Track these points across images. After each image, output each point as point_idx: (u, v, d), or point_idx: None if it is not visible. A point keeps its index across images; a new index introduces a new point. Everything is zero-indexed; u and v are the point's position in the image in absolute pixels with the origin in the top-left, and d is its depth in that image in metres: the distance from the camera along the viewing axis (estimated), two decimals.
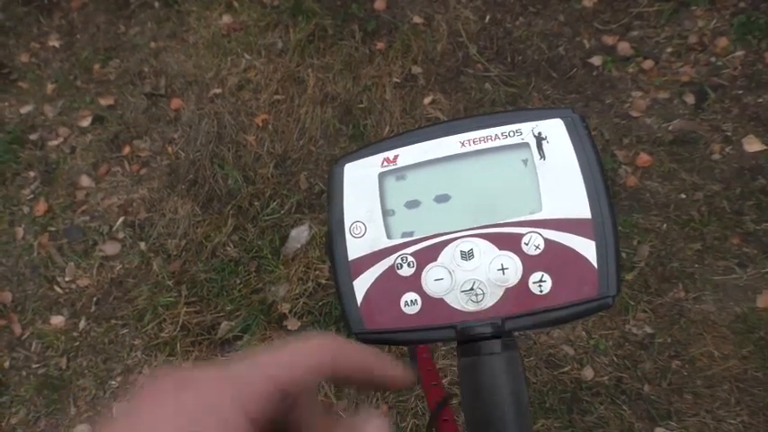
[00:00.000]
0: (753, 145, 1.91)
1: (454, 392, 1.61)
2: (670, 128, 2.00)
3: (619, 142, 2.01)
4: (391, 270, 0.38)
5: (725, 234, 1.80)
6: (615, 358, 1.68)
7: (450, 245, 0.37)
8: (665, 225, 1.84)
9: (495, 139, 0.38)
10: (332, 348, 0.26)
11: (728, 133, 1.96)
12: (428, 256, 0.37)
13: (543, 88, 2.17)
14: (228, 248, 2.02)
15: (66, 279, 2.08)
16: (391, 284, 0.38)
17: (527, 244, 0.36)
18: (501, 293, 0.36)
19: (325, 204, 2.06)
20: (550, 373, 1.68)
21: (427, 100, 2.20)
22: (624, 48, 2.18)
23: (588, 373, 1.67)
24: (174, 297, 1.96)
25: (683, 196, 1.88)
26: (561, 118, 0.37)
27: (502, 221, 0.36)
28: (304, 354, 0.25)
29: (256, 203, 2.09)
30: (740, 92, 2.02)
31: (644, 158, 1.95)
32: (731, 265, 1.76)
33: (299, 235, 2.02)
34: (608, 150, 1.98)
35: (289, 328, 1.83)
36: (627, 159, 1.97)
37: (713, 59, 2.10)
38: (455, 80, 2.23)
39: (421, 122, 2.14)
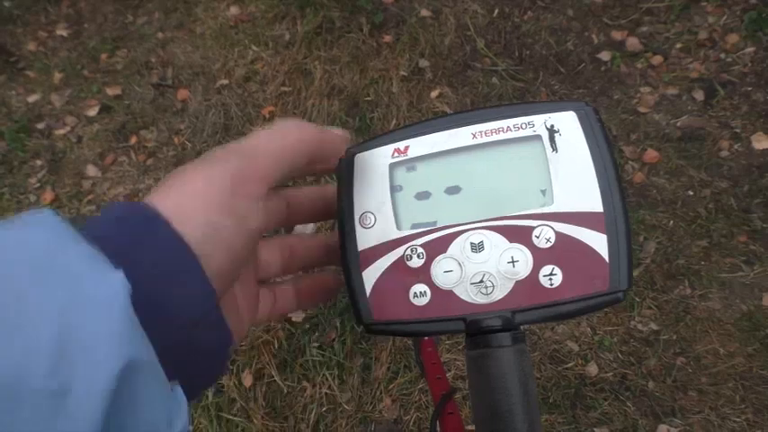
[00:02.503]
0: (762, 142, 1.90)
1: (458, 386, 1.62)
2: (678, 124, 1.99)
3: (626, 138, 2.00)
4: (400, 261, 0.38)
5: (732, 231, 1.79)
6: (620, 354, 1.68)
7: (461, 237, 0.37)
8: (671, 222, 1.84)
9: (506, 131, 0.38)
10: (304, 134, 0.34)
11: (737, 130, 1.95)
12: (438, 247, 0.37)
13: (551, 83, 2.16)
14: None
15: None
16: (400, 276, 0.37)
17: (538, 237, 0.35)
18: (511, 286, 0.35)
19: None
20: (554, 369, 1.68)
21: (434, 93, 2.19)
22: (633, 43, 2.17)
23: (592, 369, 1.67)
24: None
25: (691, 193, 1.88)
26: (574, 111, 0.37)
27: (513, 214, 0.36)
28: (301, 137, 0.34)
29: None
30: (750, 89, 2.01)
31: (651, 154, 1.95)
32: (738, 262, 1.75)
33: (304, 227, 2.02)
34: (615, 146, 1.97)
35: (293, 320, 1.83)
36: (634, 155, 1.96)
37: (723, 56, 2.08)
38: (462, 74, 2.23)
39: (428, 116, 2.13)
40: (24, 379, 0.20)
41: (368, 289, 0.38)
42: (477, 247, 0.36)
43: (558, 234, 0.35)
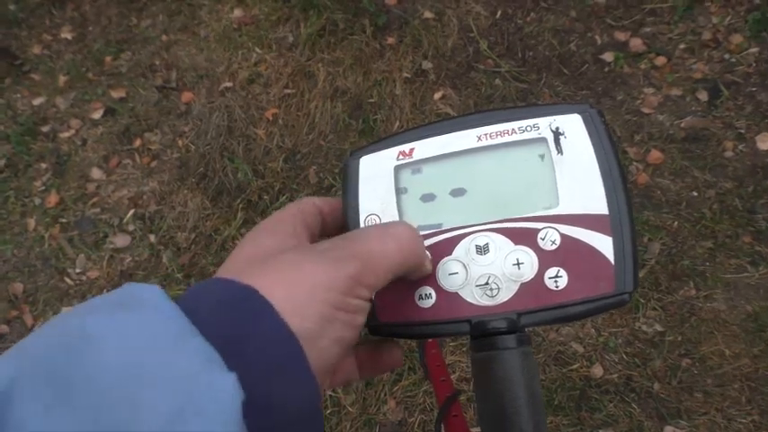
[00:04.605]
0: (766, 143, 1.90)
1: (462, 388, 1.61)
2: (682, 125, 1.99)
3: (630, 139, 1.99)
4: None
5: (737, 232, 1.79)
6: (625, 356, 1.68)
7: (466, 239, 0.37)
8: (676, 223, 1.83)
9: (511, 133, 0.38)
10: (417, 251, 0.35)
11: (742, 131, 1.94)
12: (443, 249, 0.37)
13: (554, 84, 2.16)
14: (238, 242, 2.02)
15: (77, 271, 2.10)
16: (406, 278, 0.37)
17: (543, 239, 0.35)
18: (516, 288, 0.35)
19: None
20: (559, 371, 1.67)
21: (437, 95, 2.19)
22: (636, 44, 2.17)
23: (597, 370, 1.66)
24: (183, 290, 1.97)
25: (695, 194, 1.87)
26: (579, 113, 0.37)
27: (518, 216, 0.36)
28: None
29: (266, 197, 2.09)
30: (754, 89, 2.00)
31: (655, 155, 1.94)
32: (743, 263, 1.75)
33: None
34: (619, 147, 1.97)
35: None
36: (638, 156, 1.95)
37: (727, 56, 2.08)
38: (465, 75, 2.22)
39: (431, 118, 2.13)
40: None
41: None
42: (483, 250, 0.36)
43: (563, 236, 0.35)
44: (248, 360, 0.25)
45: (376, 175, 0.40)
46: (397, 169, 0.39)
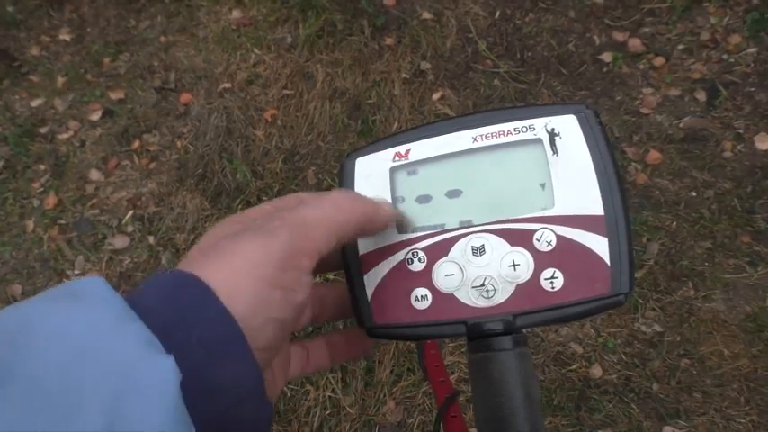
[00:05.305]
0: (765, 143, 1.90)
1: (462, 389, 1.61)
2: (681, 125, 1.99)
3: (629, 139, 1.99)
4: (402, 265, 0.38)
5: (735, 232, 1.79)
6: (624, 356, 1.68)
7: (462, 240, 0.37)
8: (674, 223, 1.83)
9: (507, 134, 0.38)
10: (357, 209, 0.34)
11: (740, 131, 1.94)
12: (439, 251, 0.37)
13: (553, 84, 2.16)
14: None
15: (76, 272, 2.09)
16: (402, 279, 0.37)
17: (539, 240, 0.35)
18: (512, 289, 0.35)
19: None
20: (558, 371, 1.67)
21: (436, 96, 2.19)
22: (635, 44, 2.17)
23: (596, 371, 1.66)
24: None
25: (694, 194, 1.87)
26: (575, 114, 0.37)
27: (514, 217, 0.36)
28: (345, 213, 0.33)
29: (265, 198, 2.09)
30: (752, 89, 2.00)
31: (654, 156, 1.94)
32: (741, 263, 1.75)
33: None
34: (618, 147, 1.97)
35: None
36: (637, 156, 1.96)
37: (725, 56, 2.08)
38: (464, 76, 2.23)
39: (430, 118, 2.13)
40: None
41: (369, 293, 0.38)
42: (479, 251, 0.36)
43: (558, 237, 0.35)
44: (188, 343, 0.25)
45: (372, 176, 0.40)
46: (393, 171, 0.39)
